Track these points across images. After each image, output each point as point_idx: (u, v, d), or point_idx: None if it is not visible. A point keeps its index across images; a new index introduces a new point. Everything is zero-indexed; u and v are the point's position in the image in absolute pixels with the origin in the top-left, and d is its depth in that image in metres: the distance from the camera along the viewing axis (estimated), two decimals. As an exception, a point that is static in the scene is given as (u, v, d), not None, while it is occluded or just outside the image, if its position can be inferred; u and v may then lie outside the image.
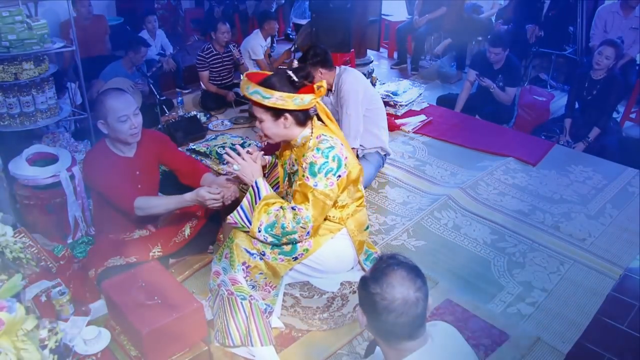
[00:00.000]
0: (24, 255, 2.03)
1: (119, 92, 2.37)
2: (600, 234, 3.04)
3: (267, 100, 1.96)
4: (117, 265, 2.34)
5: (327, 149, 1.99)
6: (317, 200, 1.97)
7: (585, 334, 2.34)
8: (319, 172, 1.97)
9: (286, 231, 1.97)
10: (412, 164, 3.80)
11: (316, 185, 1.97)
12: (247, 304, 2.04)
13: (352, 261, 2.25)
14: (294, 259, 2.09)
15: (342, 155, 2.01)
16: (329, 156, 1.98)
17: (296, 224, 1.96)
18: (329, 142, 2.01)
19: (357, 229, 2.19)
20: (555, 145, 4.07)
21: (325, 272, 2.21)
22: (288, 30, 7.45)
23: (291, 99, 1.96)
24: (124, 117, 2.29)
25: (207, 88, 4.85)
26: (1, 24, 2.94)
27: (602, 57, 3.93)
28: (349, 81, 3.29)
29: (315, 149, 2.00)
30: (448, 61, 6.45)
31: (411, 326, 1.27)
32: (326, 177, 1.97)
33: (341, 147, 2.03)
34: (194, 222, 2.62)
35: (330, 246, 2.14)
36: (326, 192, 1.98)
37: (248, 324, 2.04)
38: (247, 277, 2.08)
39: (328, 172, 1.97)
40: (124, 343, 1.95)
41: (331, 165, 1.97)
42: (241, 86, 2.04)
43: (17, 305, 1.56)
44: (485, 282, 2.65)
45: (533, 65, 5.66)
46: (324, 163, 1.97)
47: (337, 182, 2.00)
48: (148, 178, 2.54)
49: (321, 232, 2.12)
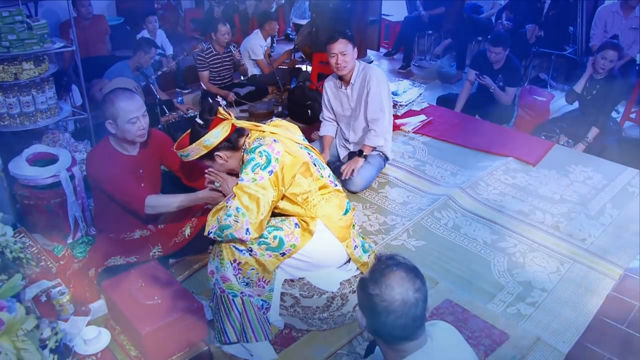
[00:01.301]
0: (24, 255, 2.03)
1: (130, 94, 2.36)
2: (600, 234, 3.04)
3: (188, 158, 2.12)
4: (117, 265, 2.34)
5: (254, 147, 2.03)
6: (242, 192, 1.98)
7: (585, 334, 2.34)
8: (245, 168, 2.01)
9: (222, 225, 1.98)
10: (412, 164, 3.80)
11: (242, 180, 1.99)
12: (239, 301, 2.06)
13: (343, 253, 2.26)
14: (281, 254, 2.11)
15: (272, 150, 2.01)
16: (255, 152, 2.01)
17: (227, 216, 1.97)
18: (258, 142, 2.06)
19: (331, 217, 2.19)
20: (555, 145, 4.07)
21: (320, 265, 2.21)
22: (288, 30, 7.45)
23: (202, 143, 2.06)
24: (134, 119, 2.31)
25: (207, 88, 4.85)
26: (1, 24, 2.94)
27: (607, 61, 3.92)
28: (381, 80, 3.33)
29: (245, 152, 2.09)
30: (448, 61, 6.46)
31: (410, 327, 1.27)
32: (253, 172, 1.99)
33: (272, 143, 2.03)
34: (194, 222, 2.61)
35: (316, 241, 2.16)
36: (255, 186, 1.98)
37: (242, 320, 2.06)
38: (239, 274, 2.09)
39: (255, 167, 1.99)
40: (124, 343, 1.96)
41: (258, 160, 2.00)
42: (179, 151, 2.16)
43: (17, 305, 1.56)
44: (485, 282, 2.65)
45: (533, 65, 5.67)
46: (250, 159, 2.01)
47: (269, 177, 1.99)
48: (151, 176, 2.56)
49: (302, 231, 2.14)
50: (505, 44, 4.41)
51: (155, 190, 2.64)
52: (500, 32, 5.36)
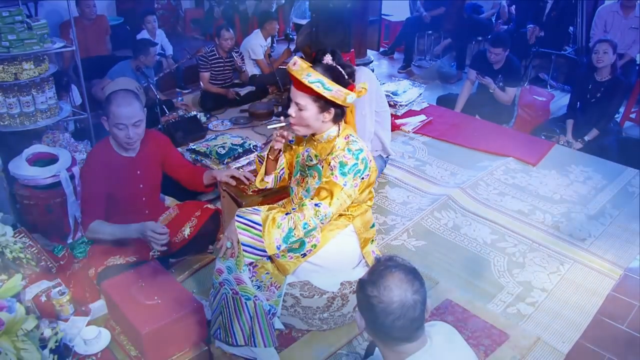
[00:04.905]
0: (24, 255, 2.03)
1: (128, 101, 2.32)
2: (600, 234, 3.04)
3: (328, 92, 1.93)
4: (117, 264, 2.34)
5: (357, 151, 2.01)
6: (341, 199, 1.99)
7: (585, 334, 2.34)
8: (349, 173, 1.98)
9: (309, 230, 1.97)
10: (412, 164, 3.80)
11: (345, 185, 1.98)
12: (251, 305, 2.03)
13: (356, 258, 2.26)
14: (302, 255, 2.09)
15: (369, 158, 2.04)
16: (359, 158, 2.00)
17: (318, 220, 1.97)
18: (358, 144, 2.03)
19: (363, 227, 2.21)
20: (555, 145, 4.07)
21: (327, 269, 2.21)
22: (288, 30, 7.44)
23: (347, 95, 1.97)
24: (121, 126, 2.31)
25: (207, 89, 4.85)
26: (1, 24, 2.94)
27: (600, 54, 3.93)
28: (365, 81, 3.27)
29: (346, 149, 2.02)
30: (448, 61, 6.46)
31: (409, 329, 1.27)
32: (354, 178, 1.99)
33: (367, 150, 2.06)
34: (193, 222, 2.62)
35: (336, 242, 2.15)
36: (350, 192, 2.00)
37: (252, 324, 2.03)
38: (253, 277, 2.08)
39: (356, 173, 1.99)
40: (124, 343, 1.95)
41: (359, 167, 2.00)
42: (297, 70, 1.95)
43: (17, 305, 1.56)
44: (485, 282, 2.65)
45: (533, 65, 5.67)
46: (354, 164, 1.99)
47: (360, 183, 2.02)
48: (150, 178, 2.55)
49: (330, 227, 2.13)
50: (505, 45, 4.41)
51: (155, 190, 2.64)
52: (500, 33, 5.37)
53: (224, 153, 3.34)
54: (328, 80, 1.94)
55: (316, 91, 1.93)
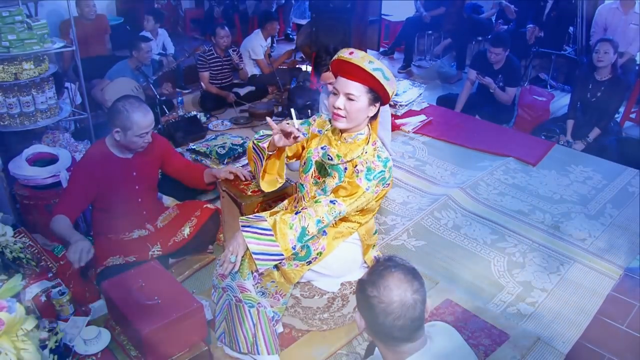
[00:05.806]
0: (24, 255, 2.03)
1: (144, 108, 2.33)
2: (600, 234, 3.04)
3: (386, 82, 1.88)
4: (116, 264, 2.34)
5: (386, 159, 1.99)
6: (359, 201, 1.96)
7: (585, 334, 2.34)
8: (374, 179, 1.96)
9: (322, 226, 1.95)
10: (412, 164, 3.80)
11: (368, 189, 1.95)
12: (254, 312, 2.01)
13: (358, 265, 2.26)
14: (307, 263, 2.09)
15: (392, 166, 2.03)
16: (387, 166, 1.98)
17: (332, 217, 1.95)
18: (385, 153, 2.02)
19: (367, 234, 2.20)
20: (555, 145, 4.07)
21: (329, 276, 2.21)
22: (288, 30, 7.45)
23: (394, 90, 1.93)
24: (144, 134, 2.32)
25: (207, 89, 4.85)
26: (1, 24, 2.94)
27: (600, 53, 3.93)
28: None
29: (375, 156, 1.99)
30: (448, 61, 6.46)
31: (409, 329, 1.27)
32: (376, 185, 1.97)
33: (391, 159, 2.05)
34: (193, 221, 2.62)
35: (341, 250, 2.14)
36: (369, 197, 1.98)
37: (255, 331, 2.01)
38: (257, 284, 2.07)
39: (381, 181, 1.97)
40: (124, 343, 1.95)
41: (385, 175, 1.98)
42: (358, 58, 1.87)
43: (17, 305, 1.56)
44: (485, 282, 2.65)
45: (533, 65, 5.67)
46: (380, 172, 1.97)
47: (380, 191, 2.01)
48: (146, 179, 2.55)
49: (335, 235, 2.12)
50: (506, 45, 4.41)
51: (151, 191, 2.65)
52: (501, 33, 5.36)
53: (224, 153, 3.35)
54: (387, 69, 1.89)
55: (373, 81, 1.86)
